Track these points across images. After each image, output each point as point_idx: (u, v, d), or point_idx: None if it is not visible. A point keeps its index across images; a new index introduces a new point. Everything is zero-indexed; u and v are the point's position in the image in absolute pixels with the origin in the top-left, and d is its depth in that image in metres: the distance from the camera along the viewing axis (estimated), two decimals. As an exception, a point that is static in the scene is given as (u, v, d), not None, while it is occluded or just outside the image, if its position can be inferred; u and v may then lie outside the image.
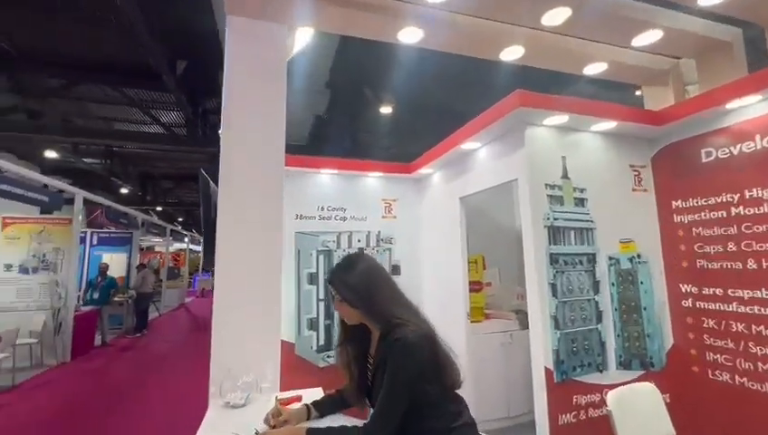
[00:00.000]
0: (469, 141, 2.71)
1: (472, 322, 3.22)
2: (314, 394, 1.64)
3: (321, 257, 3.47)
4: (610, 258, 2.46)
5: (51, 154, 8.68)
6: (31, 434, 3.64)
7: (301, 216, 3.47)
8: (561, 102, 2.25)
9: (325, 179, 3.60)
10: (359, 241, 3.61)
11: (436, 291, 3.55)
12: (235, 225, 1.77)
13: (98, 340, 7.15)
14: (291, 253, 3.40)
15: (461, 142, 2.74)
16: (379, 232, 3.70)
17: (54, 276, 6.03)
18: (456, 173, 3.21)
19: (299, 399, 1.53)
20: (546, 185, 2.37)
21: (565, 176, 2.44)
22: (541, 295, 2.24)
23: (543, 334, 2.21)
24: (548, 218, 2.33)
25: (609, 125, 2.45)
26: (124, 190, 11.27)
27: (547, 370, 2.19)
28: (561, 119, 2.32)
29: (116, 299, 7.89)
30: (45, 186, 6.11)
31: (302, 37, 2.91)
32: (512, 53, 2.44)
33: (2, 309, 5.75)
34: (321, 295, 3.43)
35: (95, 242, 8.85)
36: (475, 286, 3.44)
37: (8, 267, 5.88)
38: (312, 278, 3.41)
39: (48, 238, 6.13)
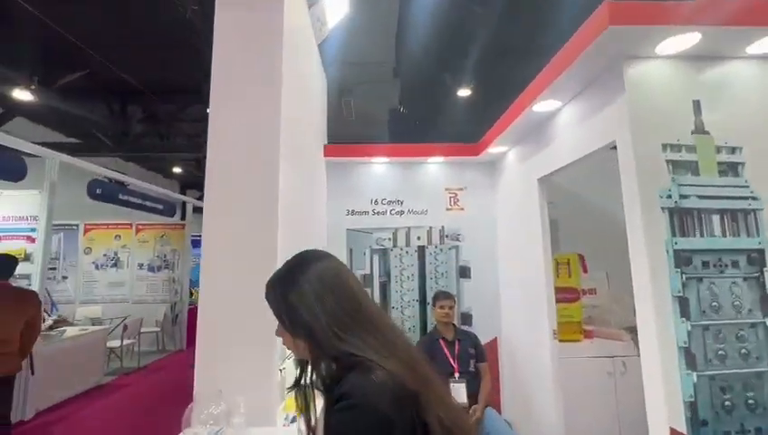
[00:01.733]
0: (543, 100, 2.00)
1: (561, 341, 2.44)
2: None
3: (376, 257, 3.08)
4: (795, 258, 1.50)
5: (177, 170, 10.19)
6: (147, 409, 4.12)
7: (352, 211, 3.14)
8: (686, 11, 1.42)
9: (378, 169, 3.20)
10: (418, 238, 3.12)
11: (516, 300, 2.84)
12: (222, 224, 1.50)
13: (211, 331, 8.05)
14: (343, 252, 3.10)
15: (532, 102, 2.04)
16: (443, 227, 3.14)
17: (172, 274, 6.93)
18: (532, 148, 2.48)
19: (272, 444, 1.16)
20: (665, 146, 1.55)
21: (701, 130, 1.57)
22: (659, 315, 1.45)
23: (665, 376, 1.42)
24: (669, 196, 1.51)
25: (783, 40, 1.49)
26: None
27: (675, 433, 1.39)
28: (689, 39, 1.48)
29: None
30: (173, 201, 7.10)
31: (336, 10, 2.57)
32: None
33: (136, 301, 6.85)
34: (377, 300, 3.04)
35: (211, 244, 10.06)
36: (569, 295, 2.63)
37: (140, 266, 6.96)
38: (366, 281, 3.04)
39: (167, 241, 7.08)
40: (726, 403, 1.41)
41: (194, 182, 11.99)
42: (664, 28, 1.43)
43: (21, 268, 5.39)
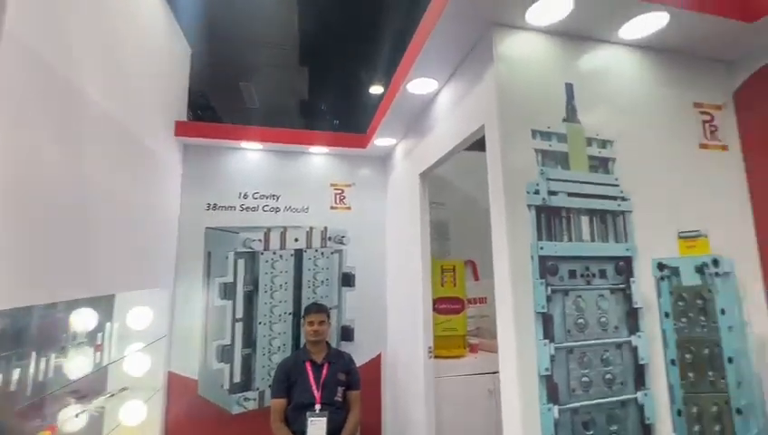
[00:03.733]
0: (416, 77, 1.69)
1: (443, 357, 2.18)
2: None
3: (242, 262, 2.55)
4: (662, 266, 1.35)
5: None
6: None
7: (214, 206, 2.58)
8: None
9: (251, 157, 2.69)
10: (296, 240, 2.67)
11: (399, 312, 2.53)
12: None
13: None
14: (199, 256, 2.52)
15: (405, 80, 1.72)
16: (326, 228, 2.73)
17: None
18: (416, 140, 2.19)
19: None
20: (535, 133, 1.31)
21: (572, 118, 1.36)
22: (520, 336, 1.17)
23: (524, 411, 1.14)
24: (536, 192, 1.26)
25: (654, 23, 1.34)
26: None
27: (532, 483, 1.12)
28: (560, 9, 1.25)
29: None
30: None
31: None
32: None
33: None
34: (240, 314, 2.51)
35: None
36: (453, 305, 2.38)
37: None
38: (227, 291, 2.50)
39: None
40: (589, 441, 1.18)
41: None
42: (532, -15, 1.17)
43: None
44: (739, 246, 1.45)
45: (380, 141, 2.51)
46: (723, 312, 1.36)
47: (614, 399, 1.22)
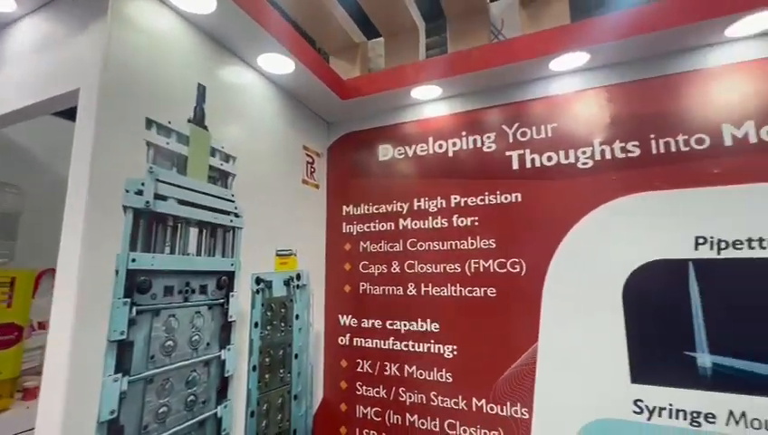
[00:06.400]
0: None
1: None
2: None
3: None
4: (259, 281, 1.49)
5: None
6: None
7: None
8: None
9: None
10: None
11: None
12: None
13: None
14: None
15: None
16: None
17: None
18: (-37, 74, 1.36)
19: None
20: (151, 123, 1.11)
21: (200, 122, 1.28)
22: (77, 376, 0.89)
23: (67, 480, 0.85)
24: (139, 193, 1.05)
25: (282, 65, 1.53)
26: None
27: None
28: (203, 2, 1.16)
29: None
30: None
31: None
32: None
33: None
34: None
35: None
36: (5, 335, 1.61)
37: None
38: None
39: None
40: (155, 481, 1.04)
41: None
42: (170, -46, 1.00)
43: None
44: (315, 262, 1.87)
45: None
46: (297, 317, 1.68)
47: (194, 421, 1.17)
